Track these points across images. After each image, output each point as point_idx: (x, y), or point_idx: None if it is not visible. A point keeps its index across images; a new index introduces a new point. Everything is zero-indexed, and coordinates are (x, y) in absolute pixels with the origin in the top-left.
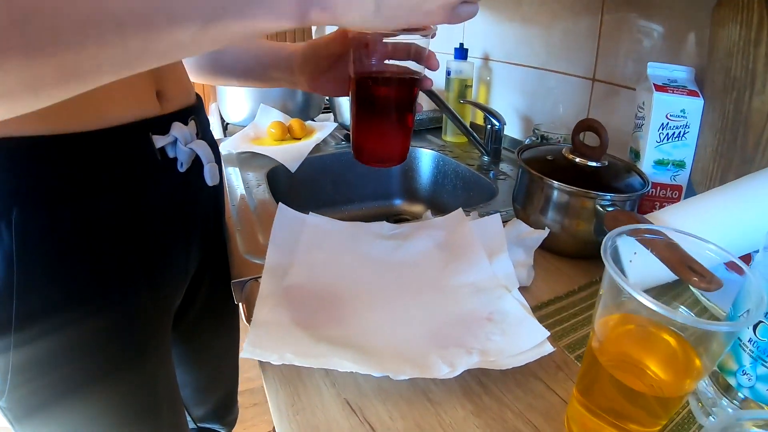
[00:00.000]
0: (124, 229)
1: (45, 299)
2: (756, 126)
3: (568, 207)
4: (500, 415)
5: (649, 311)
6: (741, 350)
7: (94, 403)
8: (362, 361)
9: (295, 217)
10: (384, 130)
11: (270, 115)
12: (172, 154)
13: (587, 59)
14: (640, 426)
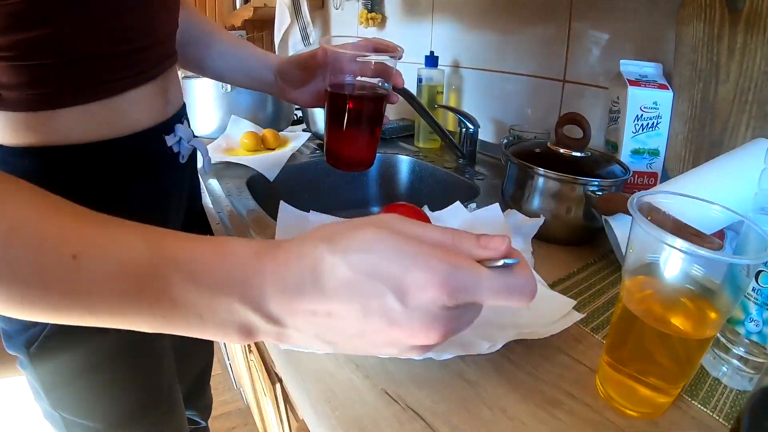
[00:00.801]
0: (152, 210)
1: None
2: (722, 112)
3: (558, 195)
4: (536, 387)
5: (674, 265)
6: (747, 300)
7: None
8: None
9: (296, 215)
10: (354, 139)
11: (241, 126)
12: (176, 149)
13: (557, 62)
14: (666, 381)
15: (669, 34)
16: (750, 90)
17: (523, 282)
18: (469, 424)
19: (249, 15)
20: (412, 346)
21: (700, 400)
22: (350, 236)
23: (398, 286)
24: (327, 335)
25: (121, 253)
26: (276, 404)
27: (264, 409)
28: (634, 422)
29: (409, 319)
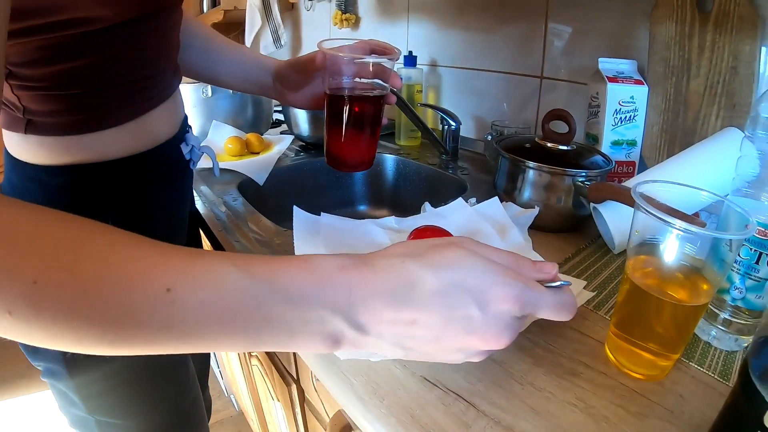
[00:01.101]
0: (176, 214)
1: None
2: (694, 104)
3: (549, 186)
4: (556, 361)
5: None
6: (731, 271)
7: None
8: None
9: (310, 219)
10: (355, 140)
11: (223, 131)
12: (189, 157)
13: (535, 59)
14: (667, 346)
15: (642, 32)
16: (719, 83)
17: (570, 300)
18: (506, 399)
19: (219, 18)
20: (479, 351)
21: (696, 362)
22: (436, 254)
23: (481, 297)
24: (405, 342)
25: (214, 281)
26: (291, 406)
27: (271, 413)
28: (643, 384)
29: (485, 327)
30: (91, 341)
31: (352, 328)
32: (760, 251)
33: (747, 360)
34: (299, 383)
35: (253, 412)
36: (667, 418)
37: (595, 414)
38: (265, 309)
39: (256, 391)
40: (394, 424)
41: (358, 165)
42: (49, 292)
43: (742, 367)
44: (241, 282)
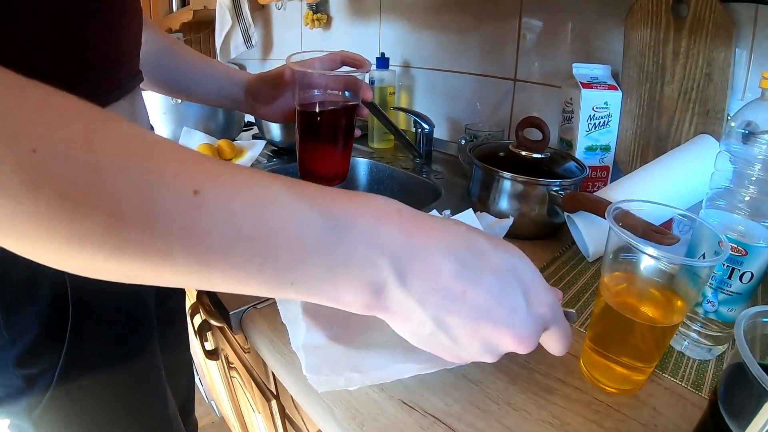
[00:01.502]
0: None
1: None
2: (668, 110)
3: (523, 195)
4: (531, 377)
5: (646, 263)
6: (704, 286)
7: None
8: (415, 362)
9: None
10: (327, 154)
11: (194, 138)
12: None
13: (508, 61)
14: (641, 361)
15: (617, 37)
16: (693, 90)
17: (570, 333)
18: (483, 420)
19: (188, 18)
20: (502, 350)
21: (670, 372)
22: (489, 236)
23: (529, 293)
24: (444, 316)
25: (252, 192)
26: (272, 420)
27: (252, 423)
28: (618, 398)
29: (524, 323)
30: (88, 241)
31: (397, 280)
32: (733, 267)
33: (716, 388)
34: (279, 399)
35: (234, 420)
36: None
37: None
38: (306, 234)
39: (237, 400)
40: None
41: (332, 178)
42: (50, 165)
43: (713, 393)
44: (283, 197)
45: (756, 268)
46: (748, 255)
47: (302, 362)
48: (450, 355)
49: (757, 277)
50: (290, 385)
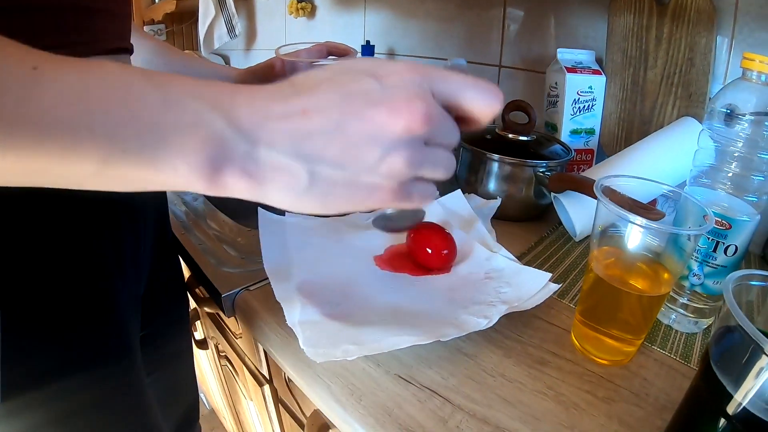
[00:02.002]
0: (97, 236)
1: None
2: (651, 94)
3: (510, 177)
4: (525, 351)
5: (634, 236)
6: (690, 259)
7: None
8: (410, 334)
9: (274, 220)
10: None
11: None
12: None
13: (493, 48)
14: (630, 333)
15: (601, 23)
16: (675, 74)
17: (488, 83)
18: (479, 392)
19: (171, 8)
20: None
21: (659, 345)
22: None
23: (374, 72)
24: (305, 146)
25: (91, 67)
26: (265, 405)
27: (244, 411)
28: (609, 369)
29: (389, 95)
30: None
31: (235, 132)
32: (717, 240)
33: (708, 348)
34: (272, 383)
35: (225, 411)
36: (634, 401)
37: (565, 401)
38: (134, 102)
39: (228, 390)
40: (372, 424)
41: None
42: None
43: (704, 355)
44: (121, 74)
45: (740, 242)
46: (732, 228)
47: (299, 337)
48: (355, 193)
49: (741, 250)
50: (286, 363)
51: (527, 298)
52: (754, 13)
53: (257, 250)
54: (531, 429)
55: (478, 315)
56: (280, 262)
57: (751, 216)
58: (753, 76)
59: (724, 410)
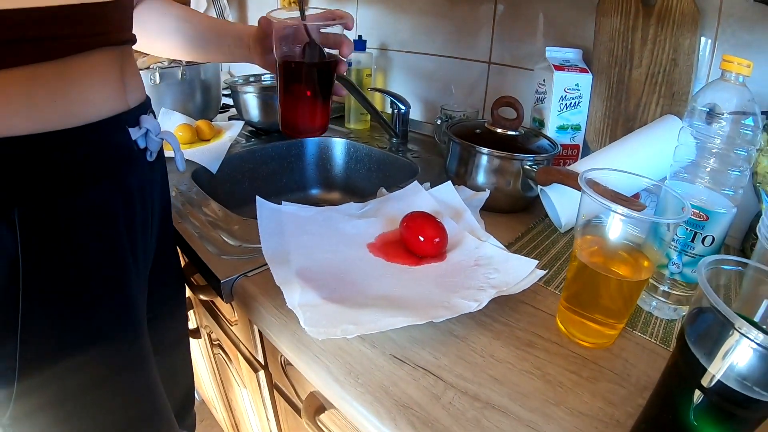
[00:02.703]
0: (113, 217)
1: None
2: (636, 92)
3: (499, 170)
4: (513, 333)
5: (616, 226)
6: (668, 248)
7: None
8: (405, 316)
9: (272, 209)
10: (306, 106)
11: (173, 119)
12: (143, 145)
13: (483, 45)
14: (612, 317)
15: (589, 23)
16: (660, 73)
17: None
18: (470, 371)
19: None
20: None
21: (640, 330)
22: None
23: None
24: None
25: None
26: (260, 391)
27: (236, 399)
28: (593, 351)
29: None
30: None
31: None
32: (695, 230)
33: (684, 327)
34: (267, 368)
35: (217, 401)
36: (616, 381)
37: (551, 380)
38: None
39: (221, 379)
40: (371, 401)
41: (311, 131)
42: None
43: (680, 334)
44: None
45: (717, 233)
46: (709, 220)
47: (300, 318)
48: None
49: (718, 241)
50: (284, 346)
51: (515, 283)
52: (737, 15)
53: (254, 238)
54: (519, 405)
55: (469, 298)
56: (278, 249)
57: (727, 208)
58: (731, 77)
59: (699, 383)
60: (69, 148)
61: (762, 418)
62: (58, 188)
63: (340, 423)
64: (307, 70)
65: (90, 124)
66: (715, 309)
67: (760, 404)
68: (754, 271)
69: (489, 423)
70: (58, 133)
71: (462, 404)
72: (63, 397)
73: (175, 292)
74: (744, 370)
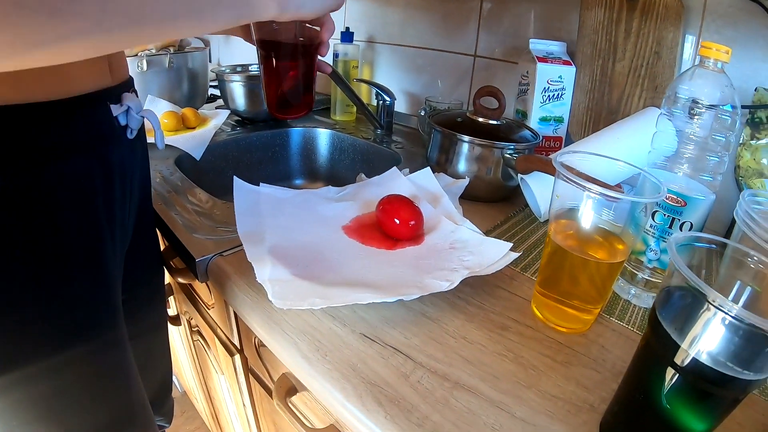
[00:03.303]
0: (92, 190)
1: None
2: (618, 85)
3: (479, 158)
4: (487, 317)
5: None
6: (646, 235)
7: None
8: (376, 293)
9: (249, 189)
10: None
11: (159, 106)
12: (124, 122)
13: (469, 38)
14: (588, 302)
15: (572, 16)
16: (643, 66)
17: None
18: (441, 352)
19: None
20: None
21: (617, 317)
22: None
23: None
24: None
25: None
26: (236, 376)
27: (215, 387)
28: (569, 337)
29: None
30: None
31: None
32: (673, 216)
33: (656, 304)
34: (242, 352)
35: (197, 391)
36: (591, 365)
37: (524, 363)
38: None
39: (200, 368)
40: (338, 378)
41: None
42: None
43: (652, 312)
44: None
45: (695, 219)
46: (687, 206)
47: (268, 291)
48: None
49: (697, 227)
50: (255, 323)
51: (488, 265)
52: (721, 11)
53: (232, 221)
54: (490, 386)
55: (441, 279)
56: (253, 228)
57: (705, 194)
58: (710, 64)
59: (673, 361)
60: (51, 120)
61: (737, 399)
62: (38, 159)
63: (311, 405)
64: (289, 50)
65: (73, 97)
66: (687, 283)
67: (734, 381)
68: (733, 252)
69: (458, 403)
70: (42, 105)
71: (431, 383)
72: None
73: (153, 274)
74: (718, 345)
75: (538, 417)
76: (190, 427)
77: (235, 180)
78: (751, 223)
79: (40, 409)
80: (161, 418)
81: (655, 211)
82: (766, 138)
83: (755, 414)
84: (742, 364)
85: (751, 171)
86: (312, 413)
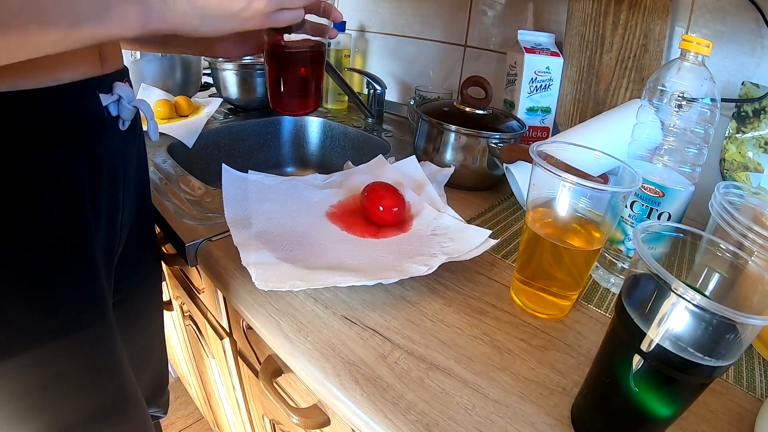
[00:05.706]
0: (77, 182)
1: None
2: (605, 77)
3: (465, 147)
4: (465, 302)
5: (567, 198)
6: (624, 224)
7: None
8: (356, 276)
9: (237, 176)
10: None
11: (152, 94)
12: (115, 113)
13: (460, 28)
14: (565, 288)
15: (561, 7)
16: (630, 58)
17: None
18: (418, 334)
19: None
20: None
21: (595, 304)
22: None
23: None
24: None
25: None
26: (225, 360)
27: (207, 371)
28: (545, 322)
29: None
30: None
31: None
32: (651, 207)
33: (622, 292)
34: (231, 335)
35: (190, 376)
36: (566, 350)
37: (499, 346)
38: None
39: (193, 353)
40: (318, 357)
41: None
42: None
43: (618, 300)
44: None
45: (673, 209)
46: (665, 196)
47: (252, 273)
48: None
49: (675, 218)
50: (240, 305)
51: (467, 251)
52: (710, 5)
53: (222, 207)
54: (464, 367)
55: (420, 263)
56: (240, 214)
57: (684, 186)
58: (690, 57)
59: (639, 347)
60: (38, 108)
61: (703, 384)
62: (23, 148)
63: (296, 386)
64: (297, 51)
65: (60, 85)
66: (651, 271)
67: (698, 368)
68: (706, 244)
69: (432, 383)
70: (29, 93)
71: (407, 364)
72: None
73: (151, 273)
74: (681, 332)
75: (511, 398)
76: (184, 412)
77: (224, 167)
78: (724, 214)
79: (27, 401)
80: (158, 410)
81: (634, 201)
82: (751, 131)
83: (729, 402)
84: (704, 350)
85: (736, 164)
86: (297, 394)
